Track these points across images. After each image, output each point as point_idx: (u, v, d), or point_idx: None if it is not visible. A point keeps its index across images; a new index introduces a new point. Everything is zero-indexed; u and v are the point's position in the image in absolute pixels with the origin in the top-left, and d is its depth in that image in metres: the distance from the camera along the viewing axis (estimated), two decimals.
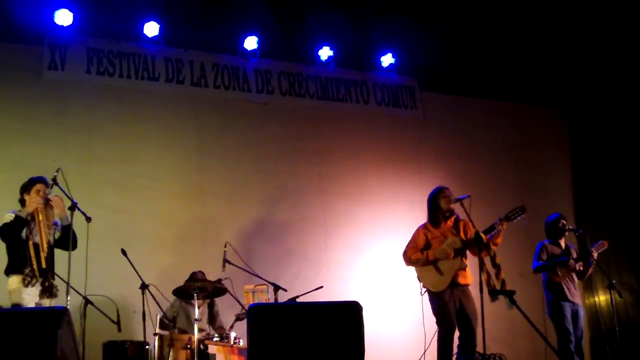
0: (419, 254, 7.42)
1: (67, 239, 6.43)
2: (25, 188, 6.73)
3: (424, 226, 7.64)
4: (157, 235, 8.87)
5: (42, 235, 6.47)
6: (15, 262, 6.48)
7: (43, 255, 6.42)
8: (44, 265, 6.42)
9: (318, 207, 9.80)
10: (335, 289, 8.86)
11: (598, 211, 10.90)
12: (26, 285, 6.32)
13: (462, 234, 7.46)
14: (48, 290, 6.44)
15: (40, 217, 6.50)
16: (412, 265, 7.56)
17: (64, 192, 6.50)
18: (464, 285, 7.37)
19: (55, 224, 6.79)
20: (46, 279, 6.44)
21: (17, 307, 6.23)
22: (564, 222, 8.35)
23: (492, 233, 7.23)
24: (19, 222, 6.48)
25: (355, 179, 10.02)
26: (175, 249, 8.92)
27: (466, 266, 7.40)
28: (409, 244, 7.61)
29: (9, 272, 6.52)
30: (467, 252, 7.46)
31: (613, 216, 10.76)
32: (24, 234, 6.50)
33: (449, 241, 7.39)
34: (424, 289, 7.50)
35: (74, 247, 6.53)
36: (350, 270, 9.62)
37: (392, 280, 9.48)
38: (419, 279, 7.52)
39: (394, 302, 9.44)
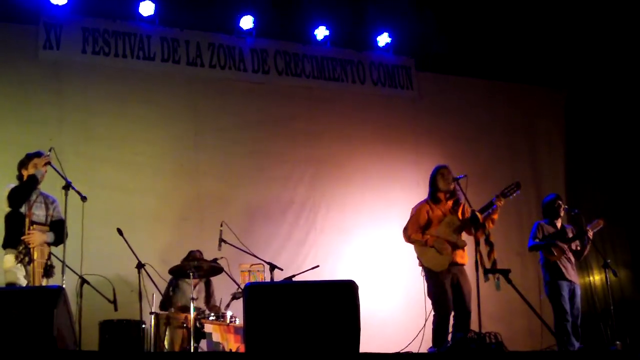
0: (419, 234, 7.40)
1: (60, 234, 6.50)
2: (23, 164, 6.75)
3: (425, 202, 7.61)
4: (154, 214, 8.88)
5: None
6: (11, 238, 6.49)
7: (47, 251, 6.51)
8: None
9: (313, 188, 9.79)
10: (332, 270, 8.88)
11: (593, 190, 10.91)
12: (19, 262, 6.33)
13: (459, 215, 7.48)
14: (48, 271, 6.46)
15: None
16: (411, 243, 7.57)
17: (57, 171, 6.50)
18: (461, 265, 7.39)
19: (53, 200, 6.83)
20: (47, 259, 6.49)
21: (12, 287, 6.23)
22: (559, 202, 8.41)
23: (490, 211, 7.26)
24: (33, 181, 6.54)
25: (350, 159, 9.98)
26: (173, 227, 8.93)
27: (465, 245, 7.42)
28: (410, 220, 7.55)
29: (5, 246, 6.53)
30: (464, 231, 7.48)
31: (607, 195, 10.77)
32: (23, 209, 6.51)
33: (447, 220, 7.41)
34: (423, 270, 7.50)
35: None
36: (347, 251, 9.62)
37: (389, 261, 9.51)
38: (419, 259, 7.51)
39: (389, 283, 9.47)
